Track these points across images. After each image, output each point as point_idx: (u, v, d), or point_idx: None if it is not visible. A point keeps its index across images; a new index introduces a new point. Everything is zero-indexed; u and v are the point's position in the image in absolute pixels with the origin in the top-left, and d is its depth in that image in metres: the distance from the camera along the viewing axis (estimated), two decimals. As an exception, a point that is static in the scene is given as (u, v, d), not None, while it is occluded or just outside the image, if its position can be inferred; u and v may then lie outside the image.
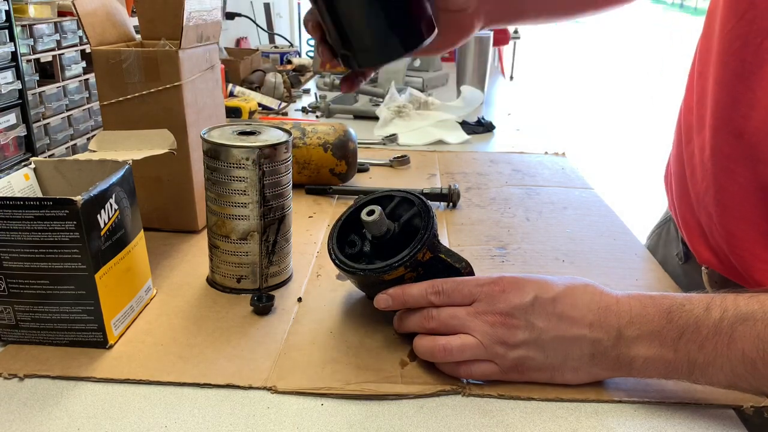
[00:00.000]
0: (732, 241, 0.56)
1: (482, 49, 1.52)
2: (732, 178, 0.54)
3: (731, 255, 0.57)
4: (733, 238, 0.56)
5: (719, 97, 0.55)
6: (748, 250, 0.55)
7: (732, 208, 0.55)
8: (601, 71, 9.27)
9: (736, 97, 0.53)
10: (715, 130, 0.56)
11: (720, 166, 0.55)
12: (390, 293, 0.50)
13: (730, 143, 0.54)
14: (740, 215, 0.55)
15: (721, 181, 0.56)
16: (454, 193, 0.85)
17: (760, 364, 0.41)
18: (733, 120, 0.53)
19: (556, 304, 0.46)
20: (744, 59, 0.52)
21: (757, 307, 0.42)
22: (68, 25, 2.36)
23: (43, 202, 0.46)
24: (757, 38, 0.51)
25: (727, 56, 0.54)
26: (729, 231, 0.56)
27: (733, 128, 0.53)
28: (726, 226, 0.56)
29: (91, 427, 0.43)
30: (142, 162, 0.55)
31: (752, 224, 0.54)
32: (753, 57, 0.51)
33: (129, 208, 0.53)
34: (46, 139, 2.28)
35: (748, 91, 0.52)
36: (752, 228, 0.54)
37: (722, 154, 0.55)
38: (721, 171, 0.56)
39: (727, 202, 0.56)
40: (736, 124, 0.53)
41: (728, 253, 0.57)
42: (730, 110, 0.54)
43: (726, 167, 0.55)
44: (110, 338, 0.51)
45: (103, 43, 0.69)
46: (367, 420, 0.44)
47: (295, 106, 1.45)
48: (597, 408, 0.46)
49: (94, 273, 0.48)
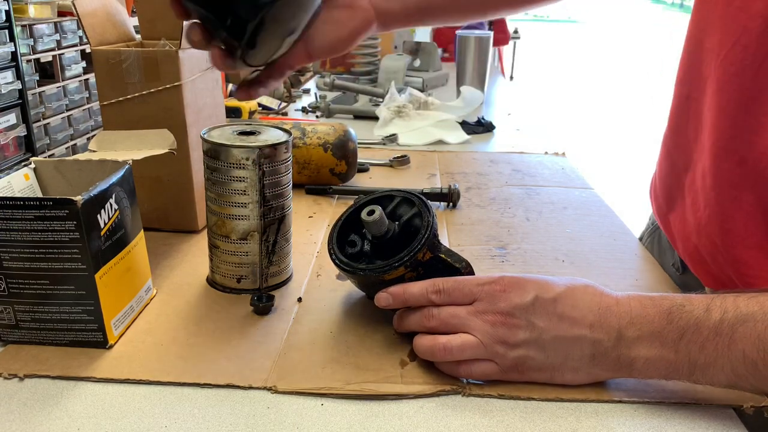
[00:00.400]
0: (740, 269, 0.55)
1: (482, 49, 1.52)
2: (738, 205, 0.54)
3: (739, 282, 0.56)
4: (741, 265, 0.55)
5: (720, 124, 0.54)
6: (759, 277, 0.54)
7: (739, 236, 0.54)
8: (601, 71, 9.27)
9: (738, 123, 0.52)
10: (717, 157, 0.55)
11: (725, 194, 0.55)
12: (390, 291, 0.50)
13: (733, 170, 0.53)
14: (749, 242, 0.54)
15: (726, 209, 0.55)
16: (454, 193, 0.85)
17: (760, 364, 0.41)
18: (735, 147, 0.53)
19: (557, 304, 0.46)
20: (742, 85, 0.51)
21: (757, 308, 0.42)
22: (68, 25, 2.37)
23: (43, 202, 0.46)
24: (754, 63, 0.50)
25: (724, 83, 0.53)
26: (737, 258, 0.55)
27: (736, 155, 0.53)
28: (733, 254, 0.55)
29: (91, 427, 0.43)
30: (142, 162, 0.55)
31: (761, 250, 0.53)
32: (751, 83, 0.51)
33: (129, 208, 0.53)
34: (46, 139, 2.28)
35: (750, 117, 0.51)
36: (762, 254, 0.53)
37: (727, 181, 0.54)
38: (726, 199, 0.55)
39: (733, 229, 0.55)
40: (739, 151, 0.52)
41: (736, 280, 0.56)
42: (732, 137, 0.53)
43: (731, 194, 0.54)
44: (110, 338, 0.51)
45: (103, 43, 0.69)
46: (367, 420, 0.44)
47: (295, 106, 1.45)
48: (597, 408, 0.46)
49: (94, 273, 0.48)
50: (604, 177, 3.66)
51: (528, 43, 8.77)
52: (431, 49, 1.81)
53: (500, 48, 3.61)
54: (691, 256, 0.63)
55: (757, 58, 0.50)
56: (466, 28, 1.69)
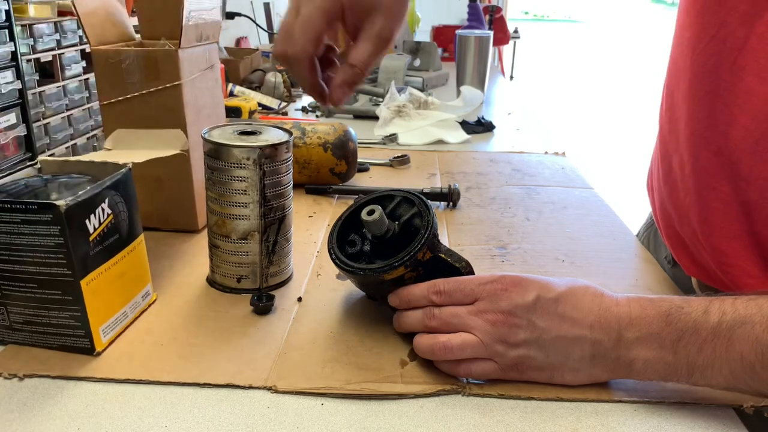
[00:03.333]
0: (719, 257, 0.56)
1: (482, 48, 1.52)
2: (715, 195, 0.54)
3: (718, 270, 0.57)
4: (720, 254, 0.56)
5: (695, 114, 0.55)
6: (736, 266, 0.55)
7: (717, 225, 0.55)
8: (601, 71, 9.27)
9: (714, 114, 0.53)
10: (695, 147, 0.56)
11: (703, 183, 0.55)
12: (397, 293, 0.51)
13: (710, 160, 0.54)
14: (726, 232, 0.55)
15: (704, 198, 0.56)
16: (454, 192, 0.85)
17: (758, 366, 0.41)
18: (712, 137, 0.53)
19: (558, 305, 0.46)
20: (719, 76, 0.52)
21: (755, 310, 0.42)
22: (68, 24, 2.36)
23: (28, 206, 0.45)
24: (730, 56, 0.51)
25: (701, 75, 0.54)
26: (715, 247, 0.56)
27: (712, 146, 0.54)
28: (712, 243, 0.56)
29: (91, 426, 0.43)
30: (142, 162, 0.54)
31: (739, 240, 0.54)
32: (728, 74, 0.51)
33: (126, 212, 0.52)
34: (46, 139, 2.27)
35: (726, 108, 0.52)
36: (739, 244, 0.54)
37: (704, 171, 0.55)
38: (704, 188, 0.55)
39: (711, 218, 0.56)
40: (715, 142, 0.53)
41: (715, 268, 0.57)
42: (708, 128, 0.54)
43: (708, 185, 0.55)
44: (97, 345, 0.50)
45: (103, 43, 0.69)
46: (367, 420, 0.44)
47: (295, 106, 1.45)
48: (597, 408, 0.46)
49: (80, 279, 0.47)
50: (604, 177, 3.66)
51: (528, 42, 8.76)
52: (431, 48, 1.81)
53: (500, 48, 3.62)
54: (675, 244, 0.65)
55: (734, 51, 0.51)
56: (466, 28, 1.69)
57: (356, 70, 0.52)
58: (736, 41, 0.50)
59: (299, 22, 0.51)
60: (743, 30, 0.50)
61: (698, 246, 0.59)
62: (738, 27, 0.50)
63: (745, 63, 0.50)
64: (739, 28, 0.50)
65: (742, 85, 0.50)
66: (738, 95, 0.51)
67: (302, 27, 0.50)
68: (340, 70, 0.53)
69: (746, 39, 0.50)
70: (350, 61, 0.52)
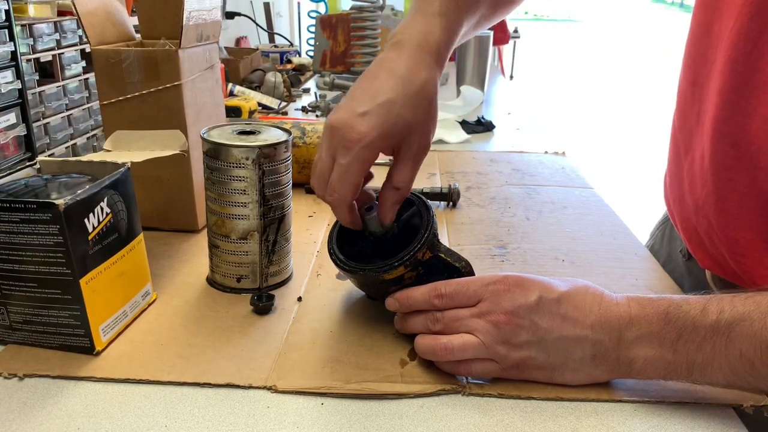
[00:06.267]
0: (734, 249, 0.56)
1: (482, 48, 1.52)
2: (732, 186, 0.54)
3: (732, 262, 0.57)
4: (735, 245, 0.56)
5: (718, 105, 0.55)
6: (750, 257, 0.55)
7: (733, 216, 0.55)
8: (601, 70, 9.27)
9: (732, 106, 0.53)
10: (714, 139, 0.55)
11: (720, 175, 0.55)
12: (396, 297, 0.51)
13: (728, 152, 0.54)
14: (742, 223, 0.55)
15: (721, 189, 0.56)
16: (454, 192, 0.85)
17: (758, 363, 0.41)
18: (730, 129, 0.53)
19: (560, 305, 0.46)
20: (737, 69, 0.52)
21: (753, 307, 0.42)
22: (68, 24, 2.36)
23: (27, 205, 0.45)
24: (746, 47, 0.51)
25: (725, 66, 0.54)
26: (730, 238, 0.56)
27: (731, 137, 0.53)
28: (727, 234, 0.56)
29: (91, 426, 0.43)
30: (141, 162, 0.55)
31: (754, 231, 0.54)
32: (744, 67, 0.51)
33: (125, 212, 0.52)
34: (46, 139, 2.28)
35: (743, 100, 0.52)
36: (755, 235, 0.54)
37: (722, 163, 0.55)
38: (721, 180, 0.55)
39: (728, 210, 0.56)
40: (733, 133, 0.53)
41: (729, 260, 0.57)
42: (727, 119, 0.54)
43: (726, 176, 0.55)
44: (97, 344, 0.50)
45: (103, 43, 0.69)
46: (367, 419, 0.44)
47: (295, 106, 1.45)
48: (597, 407, 0.46)
49: (79, 278, 0.47)
50: (604, 177, 3.66)
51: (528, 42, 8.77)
52: (431, 48, 1.80)
53: (500, 47, 3.61)
54: (690, 236, 0.64)
55: (749, 42, 0.50)
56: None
57: (402, 191, 0.53)
58: (750, 32, 0.50)
59: (337, 174, 0.50)
60: (757, 20, 0.49)
61: (713, 238, 0.59)
62: (751, 18, 0.50)
63: (762, 53, 0.50)
64: (752, 19, 0.50)
65: (761, 76, 0.50)
66: (755, 86, 0.50)
67: (341, 178, 0.50)
68: (386, 193, 0.53)
69: (762, 29, 0.49)
70: (395, 184, 0.53)
